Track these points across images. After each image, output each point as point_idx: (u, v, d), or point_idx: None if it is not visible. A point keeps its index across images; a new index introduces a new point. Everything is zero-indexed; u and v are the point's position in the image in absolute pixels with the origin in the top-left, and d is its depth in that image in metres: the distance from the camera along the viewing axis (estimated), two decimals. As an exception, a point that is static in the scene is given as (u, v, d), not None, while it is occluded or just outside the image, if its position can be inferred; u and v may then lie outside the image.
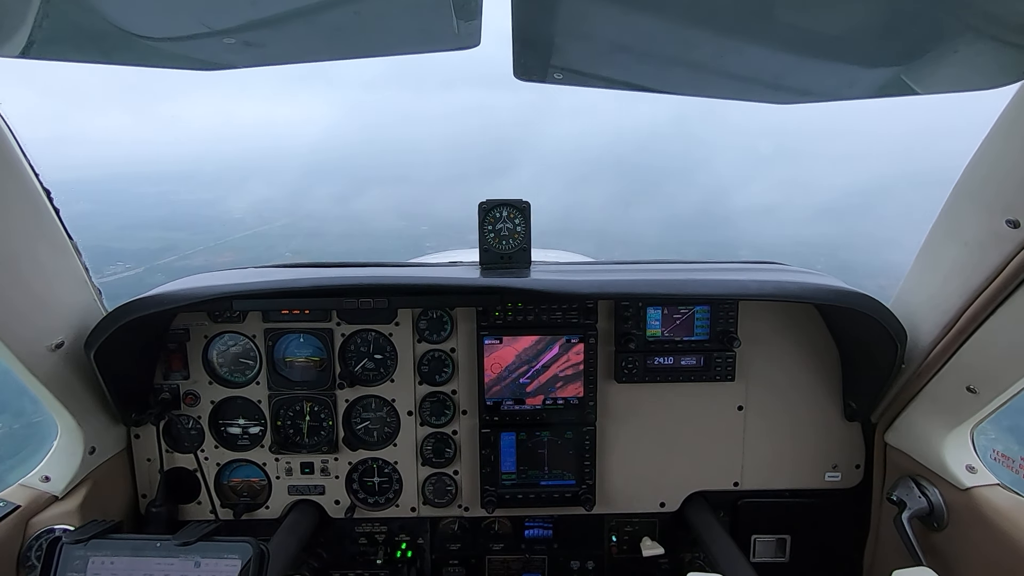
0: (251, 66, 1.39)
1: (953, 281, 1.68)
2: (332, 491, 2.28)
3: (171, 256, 7.82)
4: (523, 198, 2.18)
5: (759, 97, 1.50)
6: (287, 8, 1.12)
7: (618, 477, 2.28)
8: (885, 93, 1.40)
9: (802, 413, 2.24)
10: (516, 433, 2.21)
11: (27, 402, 1.85)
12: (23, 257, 1.65)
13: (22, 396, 1.83)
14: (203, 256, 7.75)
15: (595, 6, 1.14)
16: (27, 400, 1.83)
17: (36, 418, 2.04)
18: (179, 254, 8.46)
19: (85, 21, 1.18)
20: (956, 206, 1.68)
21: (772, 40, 1.23)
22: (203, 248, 19.52)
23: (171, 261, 7.06)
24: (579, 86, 1.48)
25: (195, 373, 2.21)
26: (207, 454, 2.24)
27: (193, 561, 1.49)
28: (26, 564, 1.81)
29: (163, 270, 6.01)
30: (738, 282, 1.96)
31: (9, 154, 1.56)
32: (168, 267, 6.39)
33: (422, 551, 2.36)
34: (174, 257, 7.83)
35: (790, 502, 2.29)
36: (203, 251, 10.44)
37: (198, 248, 17.00)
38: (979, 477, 1.78)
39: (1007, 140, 1.46)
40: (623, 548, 2.36)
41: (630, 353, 2.17)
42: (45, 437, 1.94)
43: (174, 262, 6.98)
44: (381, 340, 2.22)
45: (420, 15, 1.19)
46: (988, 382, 1.67)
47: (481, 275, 2.06)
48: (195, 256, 7.62)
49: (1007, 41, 1.15)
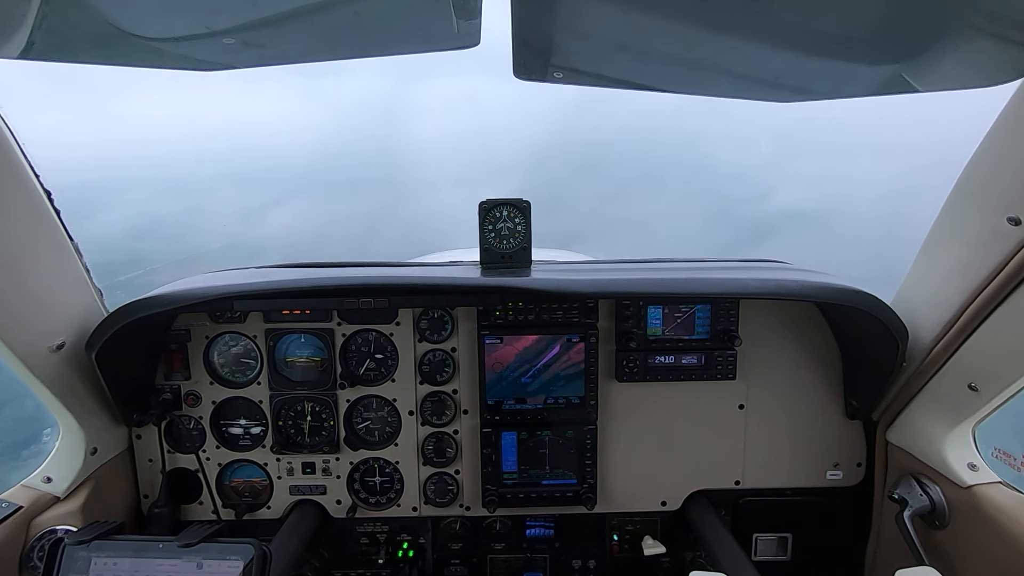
0: (251, 66, 1.39)
1: (954, 279, 1.68)
2: (333, 491, 2.28)
3: (135, 271, 7.59)
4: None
5: (759, 95, 1.49)
6: (287, 8, 1.12)
7: (619, 476, 2.28)
8: (885, 91, 1.39)
9: (803, 411, 2.24)
10: (517, 432, 2.21)
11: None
12: (24, 258, 1.65)
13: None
14: (171, 270, 7.49)
15: (595, 5, 1.14)
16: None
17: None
18: (144, 268, 8.24)
19: (85, 22, 1.18)
20: (957, 204, 1.67)
21: (772, 38, 1.22)
22: (174, 261, 19.16)
23: (134, 277, 6.81)
24: (579, 85, 1.48)
25: (196, 373, 2.21)
26: (209, 454, 2.24)
27: (195, 562, 1.49)
28: (28, 565, 1.81)
29: (124, 287, 5.76)
30: (739, 281, 1.96)
31: (9, 155, 1.56)
32: (130, 283, 6.12)
33: (424, 551, 2.36)
34: (139, 272, 7.61)
35: (791, 500, 2.29)
36: (173, 264, 10.16)
37: (168, 262, 16.61)
38: (981, 475, 1.78)
39: (1008, 137, 1.46)
40: (624, 547, 2.36)
41: (631, 352, 2.17)
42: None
43: (137, 278, 6.73)
44: (382, 340, 2.22)
45: (420, 15, 1.19)
46: (989, 380, 1.67)
47: (482, 275, 2.06)
48: (163, 271, 7.36)
49: (1008, 39, 1.15)
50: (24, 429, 4.66)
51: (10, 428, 5.36)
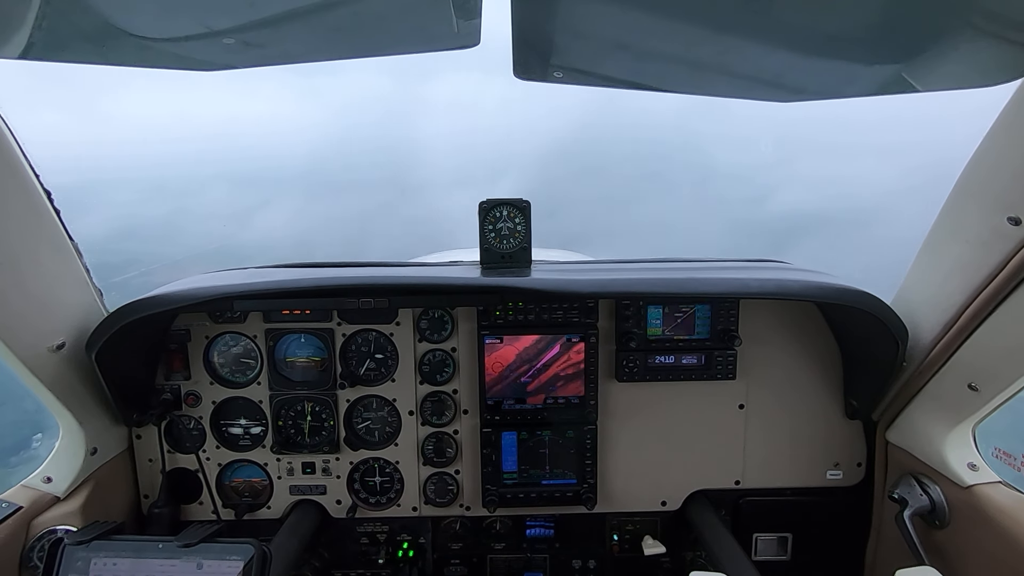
0: (251, 66, 1.39)
1: (954, 279, 1.68)
2: (333, 491, 2.28)
3: (131, 272, 7.43)
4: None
5: (759, 95, 1.49)
6: (286, 8, 1.12)
7: (619, 476, 2.28)
8: (886, 90, 1.39)
9: (803, 411, 2.24)
10: (517, 432, 2.21)
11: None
12: (24, 258, 1.65)
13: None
14: (167, 271, 7.32)
15: (595, 5, 1.14)
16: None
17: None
18: (139, 269, 8.06)
19: (85, 22, 1.17)
20: (957, 204, 1.67)
21: (772, 38, 1.22)
22: (170, 263, 19.02)
23: (130, 277, 6.66)
24: (579, 85, 1.48)
25: (196, 373, 2.21)
26: (209, 454, 2.24)
27: (195, 563, 1.50)
28: (28, 565, 1.81)
29: (119, 288, 5.66)
30: (739, 280, 1.96)
31: (9, 155, 1.56)
32: (125, 284, 6.03)
33: (424, 551, 2.36)
34: (134, 273, 7.44)
35: (791, 500, 2.29)
36: (169, 265, 10.05)
37: (165, 262, 16.44)
38: (981, 475, 1.78)
39: (1008, 137, 1.46)
40: (624, 547, 2.36)
41: (631, 352, 2.17)
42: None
43: (132, 279, 6.59)
44: (382, 340, 2.22)
45: (419, 14, 1.19)
46: (989, 380, 1.67)
47: (481, 274, 2.06)
48: (158, 272, 7.21)
49: (1008, 38, 1.15)
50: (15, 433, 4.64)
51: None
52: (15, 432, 4.94)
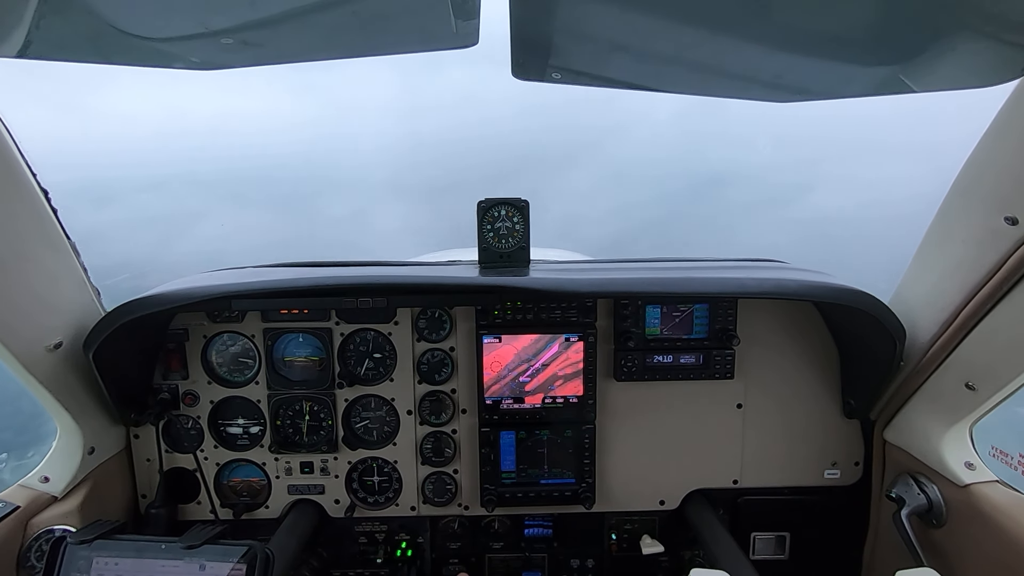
0: (249, 66, 1.39)
1: (952, 278, 1.69)
2: (332, 490, 2.28)
3: (123, 275, 7.31)
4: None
5: (758, 95, 1.50)
6: (285, 8, 1.12)
7: (618, 475, 2.28)
8: (883, 91, 1.40)
9: (801, 411, 2.25)
10: (516, 432, 2.21)
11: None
12: (21, 257, 1.65)
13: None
14: (159, 274, 7.19)
15: (594, 5, 1.14)
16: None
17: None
18: (132, 272, 7.94)
19: (83, 21, 1.17)
20: (954, 203, 1.68)
21: (770, 39, 1.23)
22: (164, 264, 18.78)
23: (121, 280, 6.52)
24: (578, 85, 1.48)
25: (194, 373, 2.20)
26: (207, 454, 2.24)
27: (198, 564, 1.49)
28: (26, 565, 1.80)
29: (110, 290, 5.57)
30: (737, 280, 1.96)
31: (7, 154, 1.55)
32: (116, 287, 5.91)
33: (422, 550, 2.36)
34: (126, 276, 7.33)
35: (789, 499, 2.30)
36: (162, 268, 9.91)
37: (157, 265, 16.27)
38: (978, 474, 1.79)
39: (1005, 137, 1.47)
40: (623, 546, 2.36)
41: (629, 351, 2.17)
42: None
43: (123, 281, 6.46)
44: (380, 339, 2.22)
45: (418, 14, 1.19)
46: (987, 379, 1.67)
47: (480, 274, 2.06)
48: (150, 274, 7.09)
49: (1004, 39, 1.15)
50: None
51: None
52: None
